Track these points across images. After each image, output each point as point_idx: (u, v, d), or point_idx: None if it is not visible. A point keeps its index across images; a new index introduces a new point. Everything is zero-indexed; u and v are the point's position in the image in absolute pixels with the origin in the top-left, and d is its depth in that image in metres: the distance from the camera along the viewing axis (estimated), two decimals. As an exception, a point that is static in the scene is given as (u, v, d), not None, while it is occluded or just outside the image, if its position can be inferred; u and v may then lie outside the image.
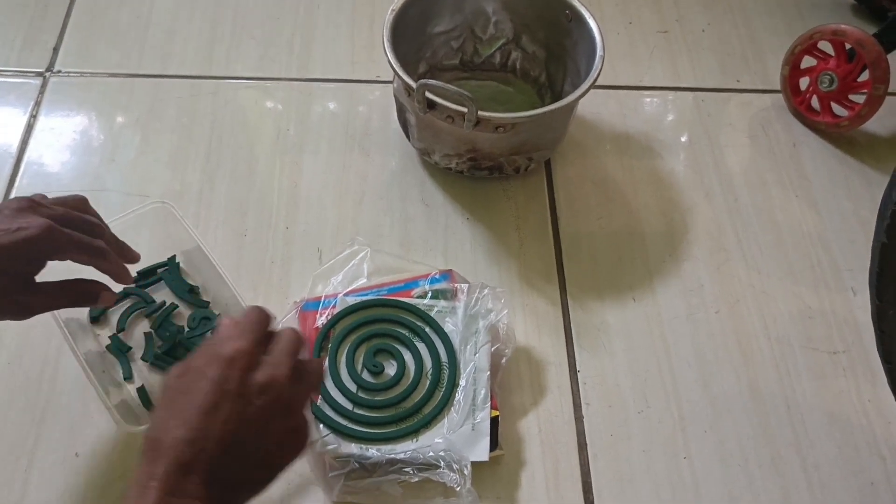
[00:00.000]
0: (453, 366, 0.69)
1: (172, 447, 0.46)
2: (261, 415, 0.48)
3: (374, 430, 0.66)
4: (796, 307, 0.80)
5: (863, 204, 0.88)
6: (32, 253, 0.57)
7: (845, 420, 0.73)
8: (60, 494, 0.66)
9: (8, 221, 0.56)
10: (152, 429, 0.48)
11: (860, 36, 0.86)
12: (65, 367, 0.72)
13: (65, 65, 0.95)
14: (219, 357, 0.48)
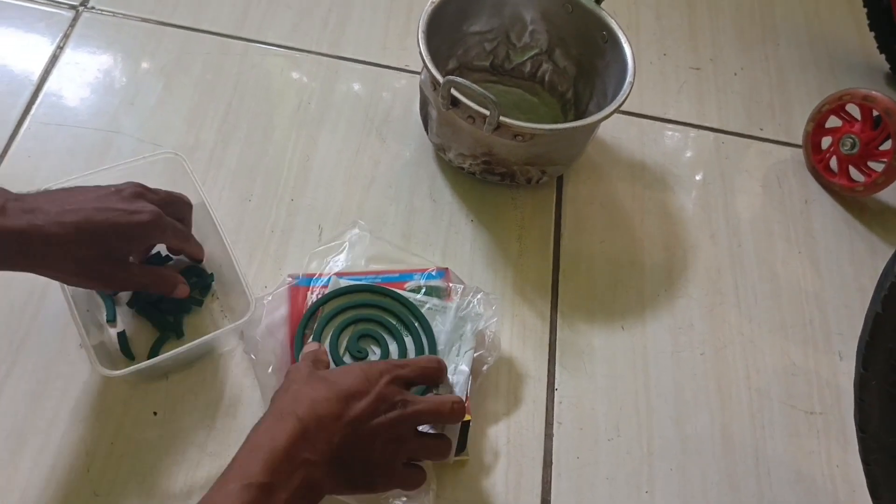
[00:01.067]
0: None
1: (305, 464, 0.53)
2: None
3: None
4: (781, 362, 0.80)
5: (864, 271, 0.88)
6: (141, 236, 0.63)
7: (811, 481, 0.73)
8: (24, 426, 0.66)
9: (126, 203, 0.61)
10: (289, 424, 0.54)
11: (889, 105, 0.86)
12: (50, 301, 0.72)
13: (99, 2, 0.95)
14: (401, 421, 0.58)
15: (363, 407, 0.55)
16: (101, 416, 0.67)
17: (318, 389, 0.56)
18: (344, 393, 0.55)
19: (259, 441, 0.53)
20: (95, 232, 0.59)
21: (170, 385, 0.69)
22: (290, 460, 0.51)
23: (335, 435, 0.54)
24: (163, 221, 0.63)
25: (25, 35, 0.91)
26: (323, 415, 0.54)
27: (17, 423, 0.66)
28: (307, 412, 0.54)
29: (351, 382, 0.57)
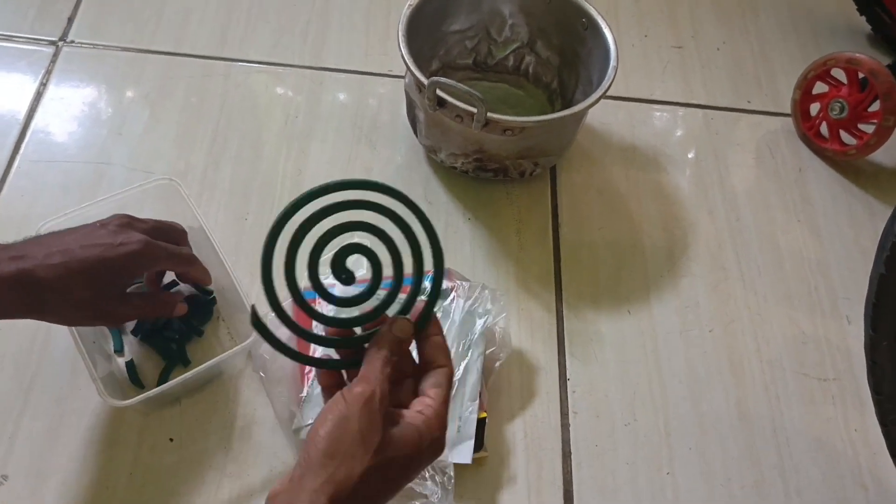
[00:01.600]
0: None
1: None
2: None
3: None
4: (790, 331, 0.80)
5: (864, 233, 0.88)
6: (133, 266, 0.62)
7: (831, 447, 0.73)
8: (43, 463, 0.66)
9: (112, 237, 0.61)
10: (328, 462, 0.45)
11: (874, 66, 0.86)
12: (56, 337, 0.72)
13: (78, 35, 0.95)
14: (429, 455, 0.48)
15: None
16: (117, 447, 0.67)
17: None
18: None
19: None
20: (86, 271, 0.58)
21: (183, 410, 0.69)
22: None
23: None
24: (153, 248, 0.63)
25: (7, 75, 0.91)
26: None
27: (34, 462, 0.66)
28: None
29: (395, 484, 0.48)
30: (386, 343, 0.49)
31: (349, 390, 0.46)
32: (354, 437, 0.44)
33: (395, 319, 0.51)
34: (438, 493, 0.63)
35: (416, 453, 0.46)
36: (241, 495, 0.65)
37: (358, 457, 0.44)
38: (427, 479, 0.64)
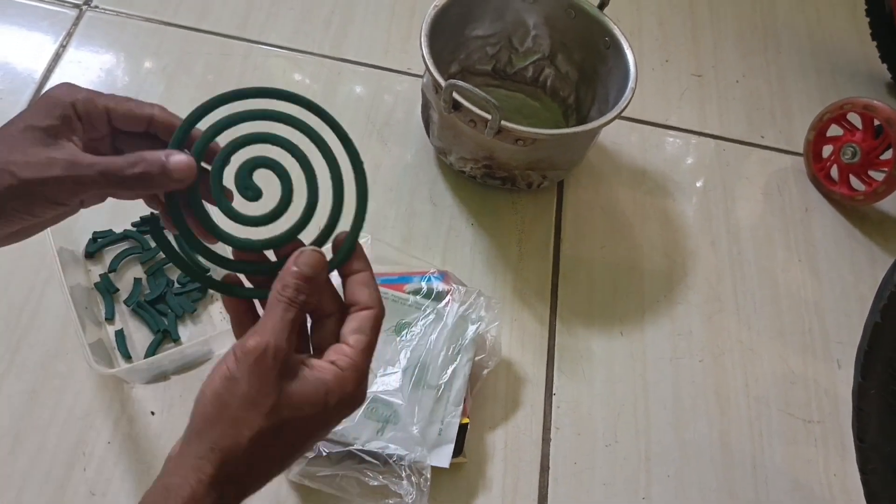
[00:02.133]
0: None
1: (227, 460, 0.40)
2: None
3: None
4: (780, 370, 0.80)
5: (864, 280, 0.88)
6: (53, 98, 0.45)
7: (809, 489, 0.73)
8: (22, 425, 0.65)
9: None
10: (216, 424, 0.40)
11: (891, 115, 0.86)
12: (49, 299, 0.72)
13: (103, 1, 0.95)
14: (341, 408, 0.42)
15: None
16: (98, 414, 0.67)
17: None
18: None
19: None
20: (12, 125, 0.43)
21: (169, 386, 0.69)
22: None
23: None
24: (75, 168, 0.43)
25: (28, 33, 0.91)
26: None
27: (14, 421, 0.65)
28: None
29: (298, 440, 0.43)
30: (290, 281, 0.43)
31: (242, 344, 0.41)
32: (242, 400, 0.40)
33: (300, 252, 0.44)
34: (413, 493, 0.63)
35: (321, 412, 0.41)
36: (216, 476, 0.65)
37: (246, 421, 0.40)
38: (403, 478, 0.64)
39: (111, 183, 0.43)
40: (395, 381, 0.68)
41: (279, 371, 0.40)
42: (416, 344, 0.70)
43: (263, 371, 0.40)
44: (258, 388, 0.40)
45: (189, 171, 0.45)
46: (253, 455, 0.40)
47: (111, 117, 0.46)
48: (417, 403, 0.67)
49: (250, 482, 0.41)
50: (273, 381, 0.40)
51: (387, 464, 0.64)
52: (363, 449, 0.64)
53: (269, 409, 0.40)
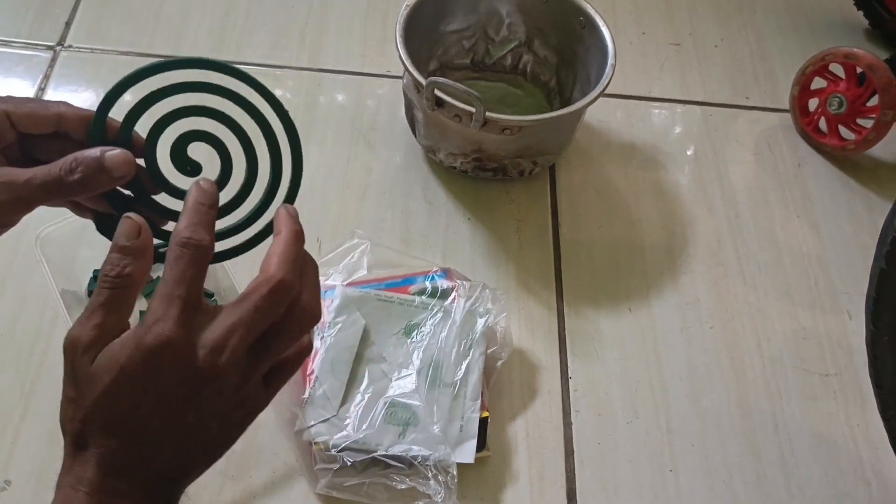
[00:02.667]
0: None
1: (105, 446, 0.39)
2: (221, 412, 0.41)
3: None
4: (791, 327, 0.80)
5: (864, 228, 0.88)
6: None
7: (832, 443, 0.73)
8: (45, 467, 0.66)
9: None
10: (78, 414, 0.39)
11: (872, 60, 0.86)
12: (57, 341, 0.71)
13: (76, 40, 0.95)
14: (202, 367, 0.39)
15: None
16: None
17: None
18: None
19: None
20: None
21: (185, 413, 0.69)
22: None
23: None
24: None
25: (5, 80, 0.91)
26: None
27: (36, 466, 0.66)
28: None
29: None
30: (108, 258, 0.40)
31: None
32: (66, 402, 0.40)
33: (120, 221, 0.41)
34: (442, 492, 0.63)
35: (120, 375, 0.38)
36: (243, 497, 0.65)
37: (75, 417, 0.39)
38: (430, 478, 0.64)
39: (53, 195, 0.41)
40: (411, 384, 0.68)
41: (79, 360, 0.39)
42: (428, 344, 0.70)
43: (69, 366, 0.39)
44: (72, 385, 0.39)
45: (128, 165, 0.42)
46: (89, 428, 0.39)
47: (13, 122, 0.43)
48: (435, 403, 0.67)
49: (140, 469, 0.39)
50: (78, 374, 0.39)
51: (412, 466, 0.65)
52: (387, 454, 0.64)
53: (88, 403, 0.38)
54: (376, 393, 0.68)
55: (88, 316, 0.39)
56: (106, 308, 0.39)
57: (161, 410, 0.39)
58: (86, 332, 0.38)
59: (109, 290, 0.39)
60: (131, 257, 0.40)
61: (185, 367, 0.39)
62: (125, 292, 0.40)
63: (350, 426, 0.65)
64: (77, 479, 0.38)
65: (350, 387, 0.68)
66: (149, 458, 0.40)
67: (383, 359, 0.69)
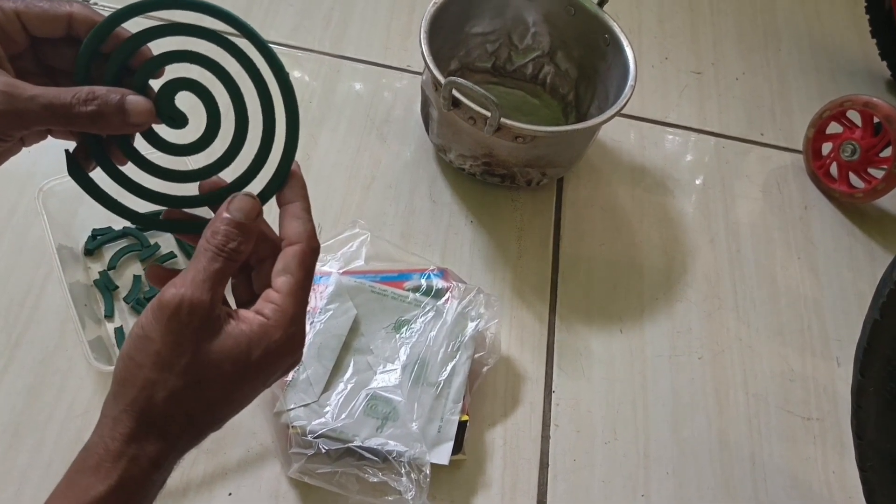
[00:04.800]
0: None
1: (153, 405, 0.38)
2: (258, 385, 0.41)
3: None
4: (779, 367, 0.80)
5: (863, 277, 0.88)
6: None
7: (807, 487, 0.73)
8: (21, 421, 0.65)
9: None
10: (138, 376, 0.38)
11: (890, 112, 0.86)
12: (49, 296, 0.72)
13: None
14: (273, 359, 0.40)
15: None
16: (97, 412, 0.67)
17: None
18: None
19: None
20: None
21: (167, 382, 0.69)
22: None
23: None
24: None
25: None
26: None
27: (13, 417, 0.66)
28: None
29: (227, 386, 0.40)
30: (220, 228, 0.39)
31: (158, 297, 0.38)
32: (155, 359, 0.37)
33: (232, 197, 0.41)
34: (413, 490, 0.63)
35: (245, 367, 0.38)
36: (215, 472, 0.65)
37: (159, 382, 0.37)
38: (403, 475, 0.64)
39: (57, 119, 0.39)
40: (395, 378, 0.68)
41: (196, 326, 0.37)
42: (416, 341, 0.70)
43: (178, 327, 0.37)
44: (171, 346, 0.37)
45: (149, 116, 0.41)
46: (172, 411, 0.38)
47: (24, 23, 0.40)
48: (417, 400, 0.67)
49: (176, 435, 0.39)
50: (189, 339, 0.37)
51: (386, 461, 0.64)
52: (363, 446, 0.64)
53: (182, 368, 0.37)
54: (359, 384, 0.67)
55: (204, 279, 0.38)
56: (219, 276, 0.39)
57: (254, 394, 0.41)
58: (202, 295, 0.37)
59: (226, 259, 0.39)
60: (246, 235, 0.40)
61: (295, 354, 0.41)
62: (234, 265, 0.40)
63: (329, 414, 0.65)
64: (112, 426, 0.38)
65: (334, 375, 0.68)
66: (192, 430, 0.40)
67: (370, 351, 0.69)
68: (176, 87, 0.43)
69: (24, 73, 0.41)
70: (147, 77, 0.42)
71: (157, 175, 0.43)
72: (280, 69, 0.43)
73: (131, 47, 0.42)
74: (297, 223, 0.42)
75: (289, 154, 0.44)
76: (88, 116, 0.39)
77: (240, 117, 0.44)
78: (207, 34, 0.43)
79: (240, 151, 0.44)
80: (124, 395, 0.38)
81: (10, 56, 0.40)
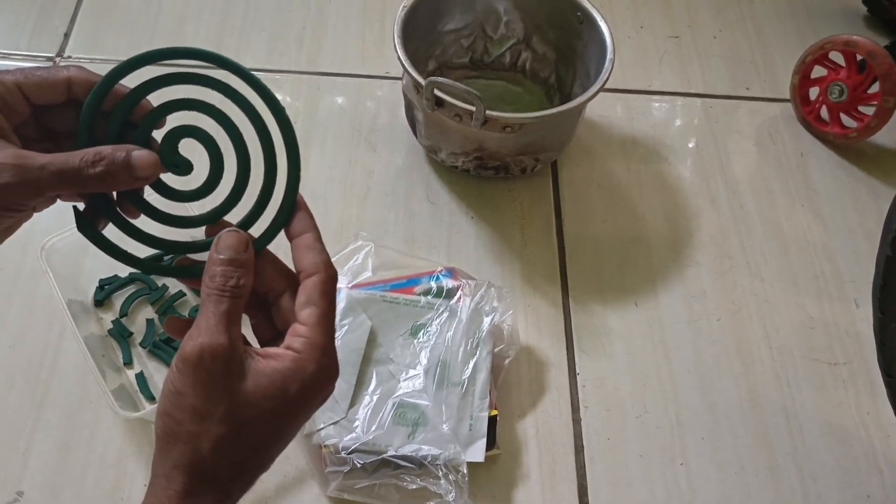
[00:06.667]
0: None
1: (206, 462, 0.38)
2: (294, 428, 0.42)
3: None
4: (798, 317, 0.80)
5: (869, 216, 0.88)
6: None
7: (843, 432, 0.73)
8: (57, 479, 0.66)
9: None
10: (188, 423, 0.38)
11: (872, 47, 0.86)
12: (66, 352, 0.72)
13: (75, 50, 0.95)
14: (312, 400, 0.41)
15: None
16: (131, 460, 0.67)
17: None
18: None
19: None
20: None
21: (195, 420, 0.69)
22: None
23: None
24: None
25: (6, 92, 0.91)
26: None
27: (48, 478, 0.66)
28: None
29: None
30: (215, 270, 0.39)
31: (181, 352, 0.38)
32: (192, 414, 0.37)
33: (218, 237, 0.41)
34: (453, 492, 0.63)
35: (283, 403, 0.39)
36: (255, 502, 0.66)
37: (202, 434, 0.37)
38: (441, 477, 0.64)
39: (69, 184, 0.39)
40: (419, 383, 0.68)
41: (222, 371, 0.37)
42: (434, 343, 0.70)
43: (206, 377, 0.37)
44: (205, 396, 0.37)
45: (155, 168, 0.41)
46: (221, 461, 0.38)
47: (25, 93, 0.41)
48: (444, 402, 0.67)
49: (229, 483, 0.39)
50: (220, 385, 0.37)
51: (422, 466, 0.65)
52: (397, 455, 0.64)
53: (222, 415, 0.37)
54: (384, 394, 0.68)
55: (216, 322, 0.38)
56: (230, 316, 0.39)
57: (296, 430, 0.41)
58: (219, 339, 0.38)
59: (231, 298, 0.39)
60: (243, 269, 0.40)
61: (330, 384, 0.41)
62: (241, 302, 0.40)
63: (359, 428, 0.65)
64: (166, 486, 0.38)
65: (358, 389, 0.68)
66: (244, 475, 0.40)
67: (390, 360, 0.70)
68: (178, 135, 0.44)
69: (28, 141, 0.41)
70: (149, 130, 0.43)
71: (167, 223, 0.43)
72: (276, 105, 0.44)
73: (130, 103, 0.43)
74: (312, 254, 0.42)
75: (292, 187, 0.45)
76: (98, 177, 0.39)
77: (241, 157, 0.45)
78: (202, 80, 0.45)
79: (245, 191, 0.45)
80: (170, 452, 0.38)
81: (14, 126, 0.41)
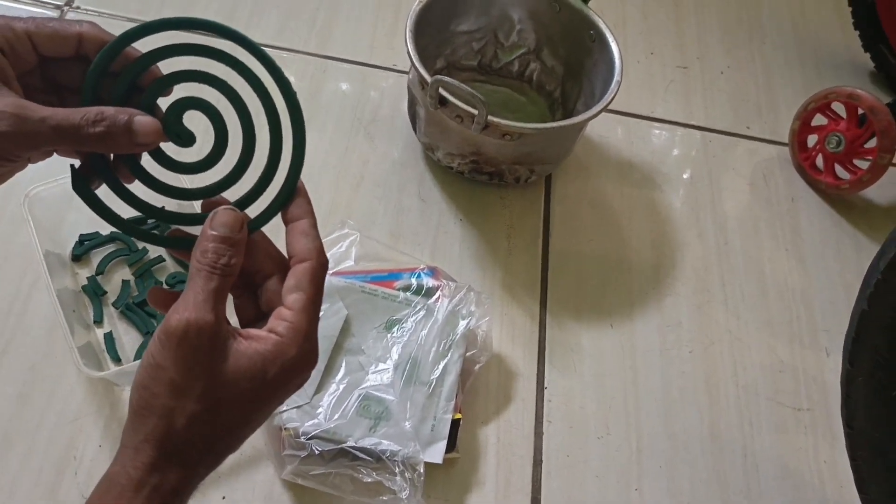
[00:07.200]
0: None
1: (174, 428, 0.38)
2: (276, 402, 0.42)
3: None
4: (768, 359, 0.81)
5: (850, 268, 0.89)
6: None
7: (799, 477, 0.74)
8: (11, 428, 0.65)
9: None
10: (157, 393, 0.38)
11: (874, 103, 0.87)
12: (36, 303, 0.71)
13: (85, 1, 0.94)
14: (291, 377, 0.40)
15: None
16: (88, 419, 0.67)
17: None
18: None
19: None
20: None
21: (158, 386, 0.69)
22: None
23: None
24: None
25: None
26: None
27: (3, 425, 0.65)
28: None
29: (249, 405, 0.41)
30: (207, 246, 0.39)
31: (164, 324, 0.37)
32: (170, 388, 0.37)
33: (214, 213, 0.41)
34: (407, 490, 0.63)
35: (262, 386, 0.38)
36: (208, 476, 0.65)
37: (177, 409, 0.37)
38: (397, 474, 0.64)
39: (66, 140, 0.39)
40: (387, 378, 0.68)
41: (207, 348, 0.37)
42: (407, 340, 0.70)
43: (189, 352, 0.37)
44: (185, 371, 0.37)
45: (156, 136, 0.41)
46: (193, 437, 0.38)
47: (35, 43, 0.40)
48: (410, 400, 0.67)
49: (197, 461, 0.39)
50: (202, 362, 0.37)
51: (380, 460, 0.64)
52: (356, 446, 0.64)
53: (200, 393, 0.37)
54: (351, 384, 0.67)
55: (205, 299, 0.38)
56: (218, 294, 0.38)
57: (269, 413, 0.41)
58: (206, 316, 0.37)
59: (221, 276, 0.39)
60: (235, 248, 0.40)
61: (308, 370, 0.41)
62: (230, 281, 0.40)
63: (322, 415, 0.65)
64: (134, 456, 0.38)
65: (326, 376, 0.67)
66: (212, 453, 0.40)
67: (362, 351, 0.69)
68: (184, 106, 0.43)
69: (31, 90, 0.41)
70: (155, 96, 0.43)
71: (163, 193, 0.43)
72: (288, 88, 0.44)
73: (141, 67, 0.42)
74: (306, 240, 0.42)
75: (295, 171, 0.44)
76: (97, 137, 0.39)
77: (247, 136, 0.44)
78: (216, 54, 0.44)
79: (247, 169, 0.44)
80: (143, 424, 0.38)
81: (19, 74, 0.40)
